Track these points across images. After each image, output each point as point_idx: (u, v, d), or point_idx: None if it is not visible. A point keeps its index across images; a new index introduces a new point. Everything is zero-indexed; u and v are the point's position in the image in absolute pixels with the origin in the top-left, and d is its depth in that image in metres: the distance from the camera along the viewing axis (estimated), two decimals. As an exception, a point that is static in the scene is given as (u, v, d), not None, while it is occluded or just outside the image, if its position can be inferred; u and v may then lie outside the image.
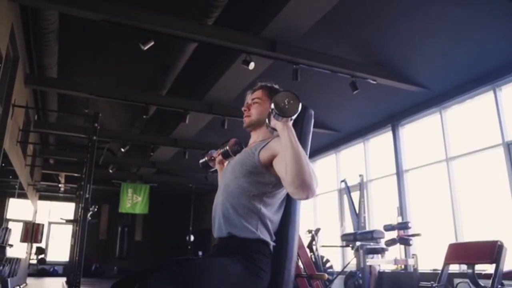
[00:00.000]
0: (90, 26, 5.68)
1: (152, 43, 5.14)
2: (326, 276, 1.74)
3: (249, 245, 1.61)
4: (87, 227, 5.96)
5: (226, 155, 2.03)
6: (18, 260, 4.50)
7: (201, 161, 2.23)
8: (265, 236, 1.63)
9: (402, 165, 7.59)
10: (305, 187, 1.45)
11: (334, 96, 7.61)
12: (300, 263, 2.26)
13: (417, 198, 7.43)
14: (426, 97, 6.91)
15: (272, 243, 1.65)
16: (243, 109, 1.96)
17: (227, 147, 2.03)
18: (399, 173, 7.56)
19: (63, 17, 5.56)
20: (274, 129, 1.64)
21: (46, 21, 5.43)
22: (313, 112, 1.98)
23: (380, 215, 8.12)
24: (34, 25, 5.59)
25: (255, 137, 1.91)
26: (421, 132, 7.58)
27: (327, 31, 6.02)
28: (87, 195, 5.88)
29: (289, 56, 5.79)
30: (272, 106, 1.55)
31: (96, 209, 6.35)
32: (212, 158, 2.16)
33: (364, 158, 8.67)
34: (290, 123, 1.57)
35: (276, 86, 1.97)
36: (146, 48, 5.13)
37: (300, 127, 1.87)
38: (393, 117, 7.76)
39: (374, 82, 6.38)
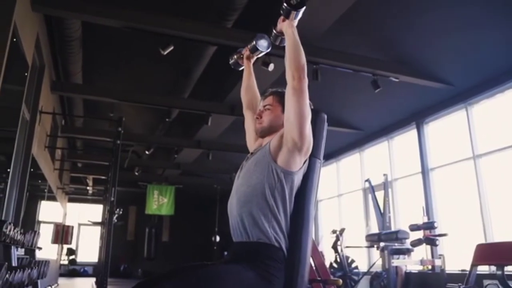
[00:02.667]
0: (112, 32, 5.78)
1: (172, 47, 5.20)
2: (341, 281, 1.73)
3: (262, 250, 1.61)
4: (114, 229, 6.13)
5: (253, 50, 2.19)
6: (47, 262, 4.62)
7: (231, 61, 2.37)
8: (279, 239, 1.63)
9: (428, 164, 7.45)
10: (299, 67, 1.71)
11: (357, 95, 7.53)
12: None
13: (444, 197, 7.28)
14: (451, 94, 6.76)
15: (285, 247, 1.64)
16: (255, 116, 1.97)
17: (254, 41, 2.17)
18: (424, 172, 7.42)
19: (85, 25, 5.69)
20: (281, 32, 1.89)
21: (70, 29, 5.56)
22: (326, 116, 1.98)
23: (406, 215, 7.99)
24: (59, 33, 5.73)
25: (267, 140, 1.92)
26: (446, 129, 7.42)
27: (346, 30, 5.95)
28: (112, 198, 6.01)
29: (308, 56, 5.65)
30: (284, 5, 1.76)
31: (121, 212, 6.51)
32: (241, 56, 2.29)
33: (389, 157, 8.55)
34: (295, 22, 1.82)
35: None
36: (166, 52, 5.20)
37: (312, 131, 1.87)
38: (417, 114, 7.63)
39: (397, 80, 6.28)
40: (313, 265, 1.84)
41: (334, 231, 8.36)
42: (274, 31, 1.96)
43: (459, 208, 6.98)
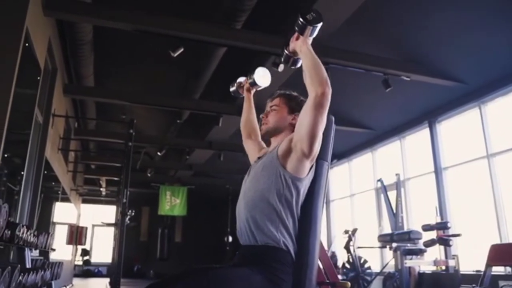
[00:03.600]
0: (123, 35, 5.83)
1: (182, 49, 5.23)
2: (349, 284, 1.72)
3: (270, 253, 1.61)
4: (127, 230, 6.18)
5: (252, 84, 2.22)
6: (60, 263, 4.68)
7: (231, 89, 2.39)
8: (287, 242, 1.63)
9: (441, 163, 7.37)
10: (323, 82, 1.64)
11: (368, 95, 7.48)
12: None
13: (457, 196, 7.19)
14: (464, 92, 6.68)
15: (293, 250, 1.64)
16: (261, 116, 1.97)
17: (254, 76, 2.20)
18: (437, 171, 7.34)
19: (96, 28, 5.74)
20: (294, 52, 1.81)
21: (81, 33, 5.62)
22: (333, 118, 1.96)
23: (419, 215, 7.91)
24: (70, 37, 5.80)
25: (274, 144, 1.92)
26: (459, 128, 7.33)
27: (357, 29, 5.92)
28: (124, 200, 6.05)
29: (319, 56, 5.71)
30: (299, 18, 1.71)
31: (133, 214, 6.56)
32: (241, 85, 2.31)
33: (401, 156, 8.48)
34: (310, 40, 1.76)
35: (295, 94, 1.98)
36: (176, 55, 5.24)
37: (320, 134, 1.86)
38: (429, 113, 7.55)
39: (408, 79, 6.22)
40: (321, 267, 1.83)
41: (346, 232, 8.32)
42: (285, 51, 1.86)
43: (473, 207, 6.89)
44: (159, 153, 10.24)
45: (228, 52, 6.31)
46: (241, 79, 2.32)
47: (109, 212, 15.65)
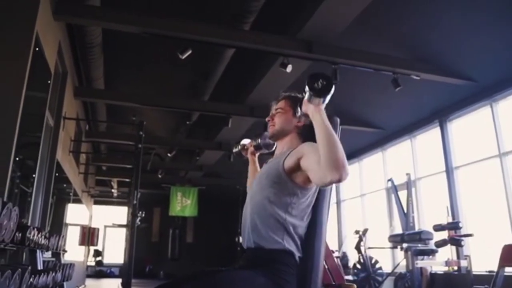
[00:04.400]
0: (132, 37, 5.86)
1: (190, 51, 5.26)
2: (355, 286, 1.72)
3: (275, 256, 1.62)
4: (138, 231, 6.23)
5: (257, 148, 2.13)
6: (72, 265, 4.73)
7: (234, 150, 2.32)
8: (291, 247, 1.64)
9: (452, 162, 7.30)
10: (339, 166, 1.41)
11: (377, 94, 7.44)
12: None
13: (469, 196, 7.11)
14: (475, 91, 6.61)
15: (298, 254, 1.65)
16: (267, 119, 1.98)
17: (259, 140, 2.11)
18: (448, 171, 7.27)
19: (105, 31, 5.79)
20: (306, 115, 1.65)
21: (90, 36, 5.68)
22: (339, 120, 1.95)
23: (431, 215, 7.84)
24: (80, 40, 5.85)
25: (280, 147, 1.93)
26: (471, 127, 7.25)
27: (365, 28, 5.89)
28: (135, 201, 6.10)
29: (327, 57, 5.73)
30: (306, 88, 1.55)
31: (143, 215, 6.61)
32: (245, 148, 2.23)
33: (412, 156, 8.42)
34: (323, 106, 1.57)
35: (300, 96, 1.97)
36: (184, 57, 5.26)
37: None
38: (440, 112, 7.48)
39: (418, 78, 6.17)
40: (327, 269, 1.83)
41: (357, 232, 8.29)
42: (299, 110, 1.73)
43: (485, 207, 6.81)
44: (169, 154, 10.30)
45: (237, 54, 6.33)
46: (245, 141, 2.26)
47: (121, 213, 15.79)
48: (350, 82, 6.85)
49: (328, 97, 1.54)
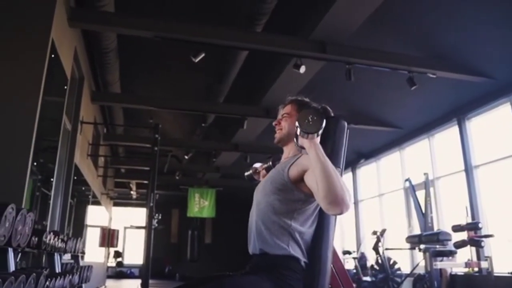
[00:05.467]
0: (146, 41, 5.93)
1: (203, 55, 5.28)
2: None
3: (280, 262, 1.62)
4: (157, 232, 6.31)
5: (269, 170, 2.08)
6: (90, 267, 4.80)
7: (246, 173, 2.30)
8: (296, 253, 1.63)
9: (471, 161, 7.16)
10: (338, 202, 1.43)
11: (393, 93, 7.35)
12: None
13: (490, 196, 6.96)
14: (493, 88, 6.46)
15: (303, 259, 1.64)
16: (274, 123, 1.98)
17: (270, 163, 2.09)
18: (467, 170, 7.13)
19: (120, 36, 5.87)
20: (303, 147, 1.64)
21: (106, 41, 5.76)
22: (346, 124, 1.94)
23: (450, 215, 7.70)
24: (95, 46, 5.95)
25: (286, 152, 1.92)
26: (490, 124, 7.10)
27: (379, 27, 5.84)
28: (151, 204, 6.17)
29: (340, 57, 5.69)
30: (296, 124, 1.57)
31: (160, 217, 6.68)
32: (257, 171, 2.22)
33: (430, 155, 8.29)
34: (317, 139, 1.57)
35: (307, 100, 1.97)
36: (197, 60, 5.29)
37: (332, 140, 1.85)
38: (458, 110, 7.35)
39: (434, 76, 6.08)
40: (335, 273, 1.82)
41: (374, 232, 8.21)
42: (296, 142, 1.69)
43: (507, 207, 6.65)
44: (186, 157, 10.39)
45: (250, 55, 6.34)
46: (257, 165, 2.26)
47: (140, 215, 15.97)
48: (366, 81, 6.79)
49: (321, 131, 1.55)
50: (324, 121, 1.56)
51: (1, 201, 1.97)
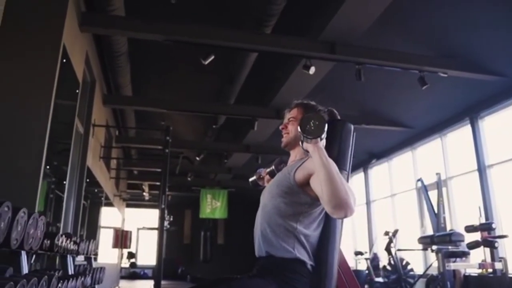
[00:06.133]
0: (157, 45, 5.98)
1: (212, 57, 5.31)
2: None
3: (286, 265, 1.63)
4: (170, 233, 6.39)
5: (272, 174, 2.10)
6: (102, 268, 4.86)
7: (250, 179, 2.32)
8: (302, 256, 1.64)
9: (484, 160, 7.07)
10: (343, 206, 1.43)
11: (405, 92, 7.30)
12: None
13: (504, 195, 6.86)
14: (506, 86, 6.38)
15: (310, 262, 1.65)
16: (280, 127, 1.98)
17: (273, 167, 2.10)
18: (480, 169, 7.05)
19: (131, 40, 5.94)
20: (307, 151, 1.65)
21: (117, 45, 5.83)
22: (352, 127, 1.94)
23: (464, 215, 7.61)
24: (107, 49, 6.02)
25: (293, 156, 1.93)
26: (504, 123, 7.00)
27: (388, 26, 5.80)
28: (162, 206, 6.22)
29: (350, 57, 5.67)
30: (299, 129, 1.58)
31: (171, 219, 6.73)
32: (261, 176, 2.24)
33: (442, 155, 8.21)
34: (321, 143, 1.59)
35: (313, 103, 1.97)
36: (206, 62, 5.32)
37: (338, 143, 1.86)
38: (470, 109, 7.27)
39: (445, 75, 6.02)
40: (342, 276, 1.83)
41: (386, 233, 8.15)
42: (302, 146, 1.71)
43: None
44: (197, 158, 10.44)
45: (260, 57, 6.35)
46: (261, 170, 2.29)
47: (153, 216, 16.08)
48: (376, 81, 6.76)
49: (324, 135, 1.57)
50: (326, 125, 1.58)
51: (14, 205, 2.00)
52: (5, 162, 3.55)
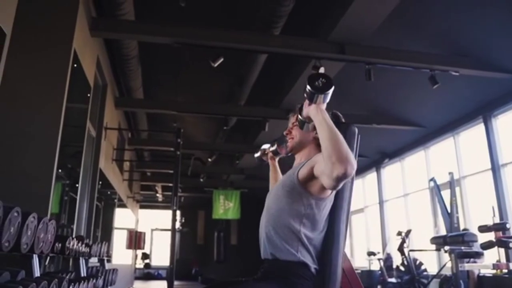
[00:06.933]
0: (167, 47, 6.04)
1: (222, 59, 5.33)
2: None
3: (290, 268, 1.64)
4: (184, 234, 6.44)
5: (275, 153, 2.21)
6: (115, 270, 4.92)
7: (256, 155, 2.39)
8: (306, 258, 1.64)
9: (498, 159, 6.97)
10: (343, 160, 1.40)
11: (416, 91, 7.24)
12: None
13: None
14: (520, 84, 6.29)
15: (313, 266, 1.65)
16: (284, 133, 1.99)
17: (276, 146, 2.19)
18: (494, 168, 6.95)
19: (141, 43, 6.00)
20: (307, 119, 1.65)
21: (127, 48, 5.89)
22: (356, 130, 1.93)
23: (478, 215, 7.52)
24: (117, 53, 6.09)
25: (298, 159, 1.93)
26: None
27: (398, 26, 5.76)
28: (174, 207, 6.26)
29: (360, 57, 5.65)
30: (307, 87, 1.54)
31: (183, 220, 6.78)
32: (265, 153, 2.30)
33: (455, 154, 8.12)
34: (323, 106, 1.57)
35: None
36: (216, 65, 5.35)
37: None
38: (483, 108, 7.17)
39: (457, 74, 5.96)
40: (347, 279, 1.83)
41: (399, 233, 8.09)
42: (299, 116, 1.72)
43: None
44: (209, 159, 10.49)
45: (270, 58, 6.36)
46: (265, 146, 2.33)
47: (166, 216, 16.20)
48: (387, 81, 6.71)
49: (329, 97, 1.55)
50: (333, 86, 1.54)
51: (23, 210, 2.04)
52: (18, 166, 3.62)
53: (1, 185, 3.39)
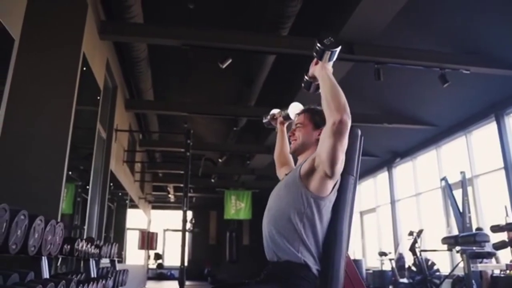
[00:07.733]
0: (176, 49, 6.08)
1: (230, 61, 5.35)
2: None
3: (291, 270, 1.64)
4: (196, 234, 6.48)
5: (286, 118, 2.29)
6: (125, 271, 4.96)
7: (264, 120, 2.46)
8: (308, 259, 1.64)
9: (511, 158, 6.87)
10: (341, 108, 1.57)
11: (427, 90, 7.16)
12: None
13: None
14: (532, 82, 6.19)
15: (315, 267, 1.65)
16: (288, 135, 2.00)
17: (288, 110, 2.27)
18: (507, 167, 6.86)
19: (150, 45, 6.04)
20: (313, 78, 1.80)
21: (137, 51, 5.94)
22: (360, 132, 1.93)
23: (491, 215, 7.42)
24: (127, 56, 6.15)
25: (301, 160, 1.93)
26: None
27: (407, 24, 5.72)
28: (184, 208, 6.30)
29: (369, 57, 5.62)
30: (317, 44, 1.68)
31: (193, 221, 6.82)
32: (275, 117, 2.37)
33: (468, 152, 8.02)
34: (329, 65, 1.72)
35: (319, 108, 1.97)
36: (224, 66, 5.36)
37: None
38: (496, 106, 7.08)
39: (468, 72, 5.89)
40: (349, 280, 1.82)
41: (411, 233, 8.02)
42: (305, 77, 1.86)
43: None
44: (220, 160, 10.52)
45: (279, 58, 6.36)
46: (275, 111, 2.37)
47: (179, 217, 16.24)
48: (398, 80, 6.67)
49: (335, 55, 1.70)
50: (340, 47, 1.68)
51: (30, 213, 2.07)
52: (28, 169, 3.67)
53: (12, 187, 3.45)
